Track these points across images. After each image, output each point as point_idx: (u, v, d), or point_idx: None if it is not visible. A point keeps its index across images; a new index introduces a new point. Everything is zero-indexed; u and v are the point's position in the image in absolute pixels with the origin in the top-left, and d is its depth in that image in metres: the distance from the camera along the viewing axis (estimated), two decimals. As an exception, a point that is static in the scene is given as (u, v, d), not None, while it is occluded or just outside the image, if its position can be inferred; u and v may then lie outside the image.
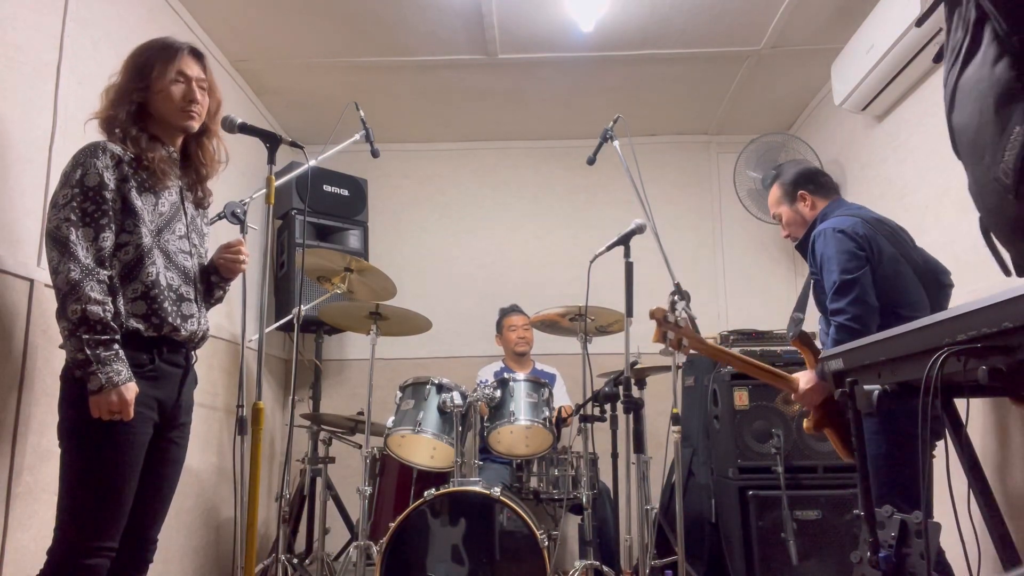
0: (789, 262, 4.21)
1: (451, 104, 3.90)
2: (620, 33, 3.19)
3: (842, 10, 2.98)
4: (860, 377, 1.34)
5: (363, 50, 3.31)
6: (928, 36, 2.49)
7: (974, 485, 1.14)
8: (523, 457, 2.91)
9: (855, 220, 2.01)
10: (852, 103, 3.06)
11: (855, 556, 1.38)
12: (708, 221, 4.29)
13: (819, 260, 2.02)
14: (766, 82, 3.65)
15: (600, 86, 3.70)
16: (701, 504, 2.97)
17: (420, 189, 4.35)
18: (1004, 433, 2.21)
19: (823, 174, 2.31)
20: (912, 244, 2.08)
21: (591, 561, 2.61)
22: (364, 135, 2.72)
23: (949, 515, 1.03)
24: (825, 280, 1.98)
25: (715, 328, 3.75)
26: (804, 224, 2.22)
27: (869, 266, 1.93)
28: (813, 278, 2.08)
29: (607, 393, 2.75)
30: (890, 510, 1.33)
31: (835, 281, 1.92)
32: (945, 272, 2.08)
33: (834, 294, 1.92)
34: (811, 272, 2.10)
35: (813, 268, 2.07)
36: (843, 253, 1.93)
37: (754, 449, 2.67)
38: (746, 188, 3.71)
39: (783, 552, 2.45)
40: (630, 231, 2.52)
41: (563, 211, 4.30)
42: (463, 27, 3.14)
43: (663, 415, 2.54)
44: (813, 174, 2.28)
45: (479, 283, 4.20)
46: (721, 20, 3.09)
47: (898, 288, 1.95)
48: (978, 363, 0.97)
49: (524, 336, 3.62)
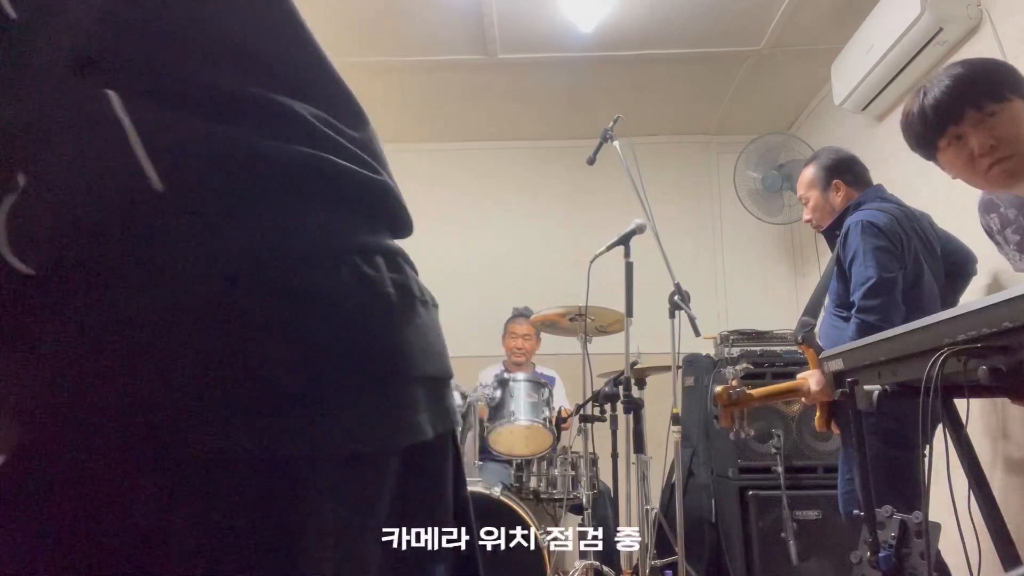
0: (789, 262, 4.21)
1: (451, 104, 3.90)
2: (620, 33, 3.19)
3: (842, 10, 2.98)
4: (860, 377, 1.34)
5: (363, 50, 3.31)
6: (928, 36, 2.49)
7: (974, 485, 1.14)
8: (523, 457, 2.91)
9: (890, 217, 1.94)
10: (852, 103, 3.06)
11: (855, 556, 1.38)
12: (708, 221, 4.29)
13: (851, 252, 1.93)
14: (766, 82, 3.65)
15: (600, 86, 3.70)
16: (701, 504, 2.97)
17: (420, 189, 4.34)
18: (1004, 433, 2.21)
19: (860, 164, 2.21)
20: (936, 238, 2.02)
21: (591, 561, 2.60)
22: (364, 135, 2.72)
23: (949, 515, 1.03)
24: (856, 274, 1.90)
25: (715, 328, 3.74)
26: (832, 213, 2.14)
27: (902, 268, 1.87)
28: (837, 268, 2.00)
29: (607, 393, 2.75)
30: (890, 510, 1.33)
31: (872, 278, 1.84)
32: (972, 260, 2.03)
33: (868, 291, 1.84)
34: (836, 262, 2.01)
35: (842, 258, 1.98)
36: (881, 251, 1.86)
37: (754, 449, 2.67)
38: (746, 188, 3.71)
39: (783, 552, 2.45)
40: (630, 231, 2.52)
41: (563, 211, 4.30)
42: (463, 27, 3.14)
43: (663, 415, 2.54)
44: (851, 163, 2.19)
45: (479, 283, 4.19)
46: (721, 20, 3.09)
47: (913, 293, 1.90)
48: (978, 363, 0.97)
49: (523, 347, 3.60)
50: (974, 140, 1.35)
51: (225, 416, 0.45)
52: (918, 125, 1.44)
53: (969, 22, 2.39)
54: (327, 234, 0.53)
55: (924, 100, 1.42)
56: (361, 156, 0.58)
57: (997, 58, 1.42)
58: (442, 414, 0.64)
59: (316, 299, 0.50)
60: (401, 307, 0.58)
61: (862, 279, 1.86)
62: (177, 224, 0.46)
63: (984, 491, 1.16)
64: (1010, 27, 2.24)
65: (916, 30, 2.48)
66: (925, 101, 1.42)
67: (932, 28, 2.44)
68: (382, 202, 0.61)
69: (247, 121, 0.50)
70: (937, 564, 1.71)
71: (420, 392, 0.59)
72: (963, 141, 1.38)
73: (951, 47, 2.52)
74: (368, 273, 0.55)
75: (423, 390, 0.60)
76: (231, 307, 0.46)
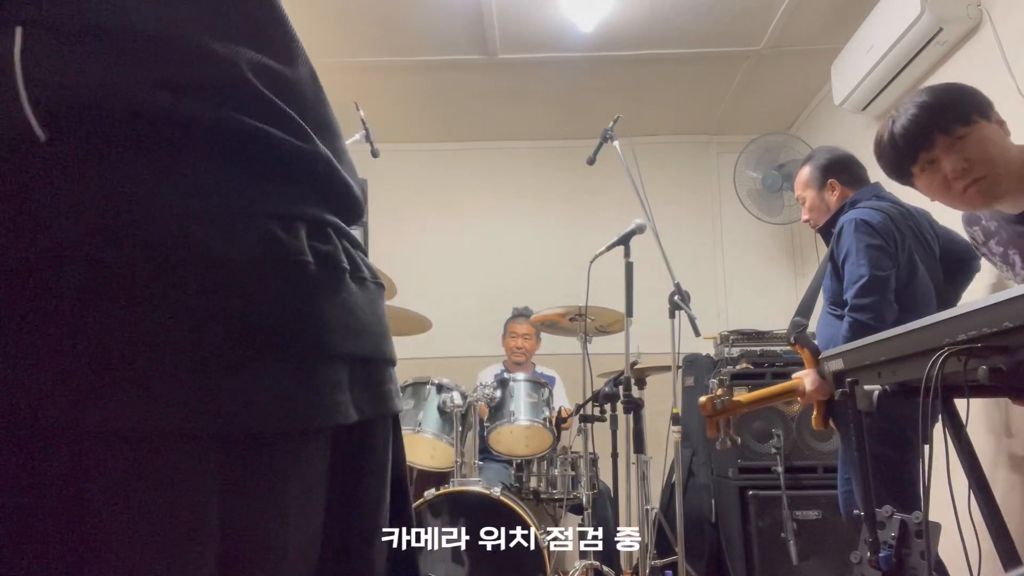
0: (789, 262, 4.21)
1: (451, 104, 3.90)
2: (620, 33, 3.19)
3: (842, 10, 2.98)
4: (860, 377, 1.34)
5: (363, 50, 3.31)
6: (928, 36, 2.49)
7: (974, 485, 1.14)
8: (523, 457, 2.91)
9: (884, 215, 1.94)
10: (852, 103, 3.06)
11: (855, 556, 1.38)
12: (708, 221, 4.29)
13: (844, 250, 1.94)
14: (766, 82, 3.65)
15: (600, 86, 3.70)
16: (701, 504, 2.97)
17: (420, 189, 4.35)
18: (1008, 430, 2.21)
19: (856, 163, 2.21)
20: (933, 236, 2.02)
21: (591, 561, 2.60)
22: (364, 135, 2.72)
23: (949, 515, 1.02)
24: (849, 272, 1.90)
25: (715, 328, 3.74)
26: (827, 212, 2.15)
27: (896, 266, 1.87)
28: (830, 266, 2.01)
29: (607, 393, 2.74)
30: (890, 510, 1.32)
31: (864, 276, 1.84)
32: (974, 256, 2.01)
33: (860, 289, 1.84)
34: (829, 259, 2.01)
35: (835, 255, 1.99)
36: (874, 249, 1.86)
37: (754, 449, 2.67)
38: (746, 188, 3.71)
39: (783, 552, 2.45)
40: (630, 231, 2.52)
41: (563, 211, 4.30)
42: (463, 27, 3.14)
43: (663, 415, 2.54)
44: (846, 162, 2.19)
45: (479, 283, 4.20)
46: (721, 20, 3.09)
47: (907, 292, 1.90)
48: (978, 363, 0.97)
49: (522, 346, 3.60)
50: (946, 164, 1.38)
51: (90, 388, 0.41)
52: (890, 153, 1.48)
53: (969, 22, 2.39)
54: (229, 196, 0.49)
55: (893, 128, 1.46)
56: (289, 115, 0.53)
57: (960, 83, 1.46)
58: (375, 398, 0.59)
59: (208, 260, 0.46)
60: (321, 278, 0.53)
61: (855, 277, 1.87)
62: (49, 176, 0.43)
63: (984, 491, 1.16)
64: (1010, 27, 2.24)
65: (916, 30, 2.48)
66: (894, 129, 1.45)
67: (932, 28, 2.44)
68: (309, 172, 0.55)
69: (158, 68, 0.46)
70: (936, 564, 1.71)
71: (342, 371, 0.55)
72: (936, 165, 1.41)
73: (951, 47, 2.52)
74: (280, 238, 0.50)
75: (348, 370, 0.56)
76: (101, 266, 0.43)
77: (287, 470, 0.52)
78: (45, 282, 0.41)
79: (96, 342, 0.42)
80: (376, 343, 0.61)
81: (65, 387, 0.41)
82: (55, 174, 0.43)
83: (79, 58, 0.44)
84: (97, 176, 0.44)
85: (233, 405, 0.46)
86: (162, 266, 0.44)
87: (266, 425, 0.48)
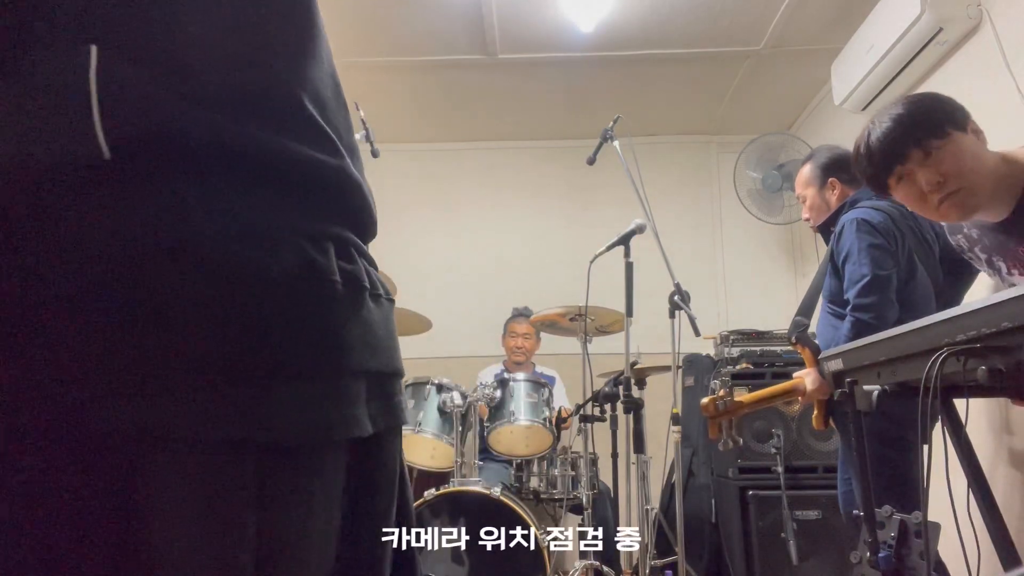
0: (789, 262, 4.21)
1: (451, 104, 3.90)
2: (620, 33, 3.19)
3: (842, 10, 2.98)
4: (860, 377, 1.34)
5: (363, 50, 3.31)
6: (928, 36, 2.49)
7: (973, 485, 1.14)
8: (523, 457, 2.91)
9: (884, 215, 1.94)
10: (852, 103, 3.06)
11: (855, 556, 1.38)
12: (708, 221, 4.29)
13: (845, 250, 1.94)
14: (766, 82, 3.65)
15: (600, 86, 3.70)
16: (701, 504, 2.97)
17: (420, 189, 4.35)
18: (1008, 428, 2.21)
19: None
20: (934, 236, 2.02)
21: (591, 561, 2.60)
22: (364, 135, 2.72)
23: (949, 515, 1.03)
24: (850, 272, 1.90)
25: (715, 328, 3.74)
26: (827, 211, 2.15)
27: (897, 266, 1.87)
28: (829, 265, 2.01)
29: (607, 393, 2.75)
30: (889, 510, 1.33)
31: (866, 276, 1.84)
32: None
33: (862, 289, 1.84)
34: (830, 259, 2.02)
35: (836, 254, 1.99)
36: (876, 249, 1.86)
37: (754, 449, 2.67)
38: (746, 188, 3.71)
39: (783, 552, 2.45)
40: (630, 231, 2.52)
41: (563, 211, 4.30)
42: (463, 27, 3.14)
43: (663, 415, 2.54)
44: (847, 162, 2.12)
45: (479, 283, 4.20)
46: (721, 20, 3.09)
47: (907, 292, 1.90)
48: (977, 363, 0.97)
49: (522, 346, 3.60)
50: (921, 178, 1.38)
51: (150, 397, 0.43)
52: (866, 166, 1.49)
53: (969, 22, 2.39)
54: (273, 217, 0.51)
55: (869, 140, 1.46)
56: (327, 133, 0.55)
57: (935, 92, 1.46)
58: (387, 410, 0.62)
59: (254, 280, 0.48)
60: (347, 297, 0.56)
61: (856, 277, 1.87)
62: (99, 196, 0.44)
63: (984, 491, 1.16)
64: (1010, 27, 2.24)
65: (916, 30, 2.48)
66: (870, 141, 1.45)
67: (932, 28, 2.44)
68: (337, 190, 0.58)
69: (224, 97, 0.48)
70: (936, 564, 1.72)
71: (361, 386, 0.58)
72: (911, 179, 1.41)
73: (951, 47, 2.52)
74: (315, 258, 0.53)
75: (365, 384, 0.58)
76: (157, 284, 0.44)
77: (312, 481, 0.54)
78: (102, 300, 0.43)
79: (156, 355, 0.44)
80: (389, 358, 0.63)
81: (130, 396, 0.43)
82: (117, 193, 0.45)
83: (149, 83, 0.46)
84: (153, 196, 0.46)
85: (271, 416, 0.49)
86: (212, 285, 0.47)
87: (297, 437, 0.51)
